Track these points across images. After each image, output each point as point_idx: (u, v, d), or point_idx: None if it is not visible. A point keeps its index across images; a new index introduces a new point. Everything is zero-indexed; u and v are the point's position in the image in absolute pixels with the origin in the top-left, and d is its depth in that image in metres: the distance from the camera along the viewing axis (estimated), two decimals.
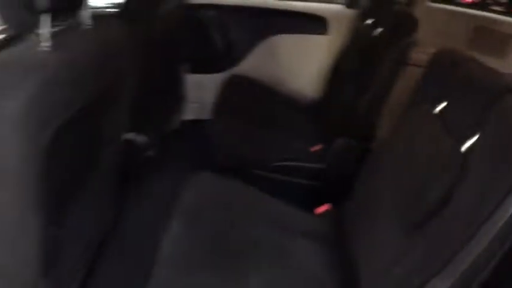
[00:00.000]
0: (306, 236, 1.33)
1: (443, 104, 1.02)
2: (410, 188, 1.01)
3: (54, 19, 0.86)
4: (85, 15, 1.04)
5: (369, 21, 1.85)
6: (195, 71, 2.48)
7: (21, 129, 0.76)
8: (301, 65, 2.43)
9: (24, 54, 0.83)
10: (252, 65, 2.45)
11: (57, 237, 1.00)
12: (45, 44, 0.84)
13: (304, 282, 1.19)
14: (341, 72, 2.04)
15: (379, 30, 1.73)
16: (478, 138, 0.87)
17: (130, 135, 1.85)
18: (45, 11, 0.81)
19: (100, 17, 1.12)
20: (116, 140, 1.31)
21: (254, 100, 2.17)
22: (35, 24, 0.82)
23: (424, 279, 0.89)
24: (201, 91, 2.51)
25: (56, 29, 0.88)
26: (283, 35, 2.41)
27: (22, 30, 0.84)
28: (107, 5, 2.12)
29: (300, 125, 2.07)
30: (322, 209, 1.49)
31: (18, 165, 0.79)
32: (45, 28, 0.83)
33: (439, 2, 2.23)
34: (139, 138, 1.89)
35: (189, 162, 1.94)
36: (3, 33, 0.93)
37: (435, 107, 1.03)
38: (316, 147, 1.83)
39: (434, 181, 0.93)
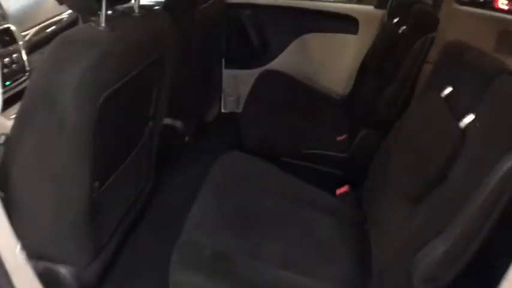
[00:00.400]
0: (326, 212, 1.45)
1: (449, 89, 1.12)
2: (415, 163, 1.12)
3: (110, 6, 1.04)
4: (135, 5, 1.22)
5: (395, 20, 1.95)
6: (232, 66, 2.65)
7: (80, 91, 0.93)
8: (332, 62, 2.55)
9: (85, 32, 1.02)
10: (285, 61, 2.59)
11: (101, 193, 1.17)
12: (102, 25, 1.02)
13: (320, 253, 1.30)
14: (367, 69, 2.15)
15: (402, 28, 1.83)
16: (475, 115, 0.97)
17: (168, 120, 2.03)
18: None
19: (147, 8, 1.29)
20: (157, 118, 1.47)
21: (286, 93, 2.30)
22: (95, 9, 0.99)
23: (424, 241, 0.99)
24: (237, 86, 2.67)
25: (111, 13, 1.05)
26: (316, 34, 2.55)
27: (84, 13, 1.01)
28: (151, 4, 2.32)
29: (329, 117, 2.19)
30: (342, 190, 1.60)
31: (76, 122, 0.96)
32: (103, 12, 1.01)
33: (467, 5, 2.30)
34: (177, 124, 2.06)
35: (223, 148, 2.10)
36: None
37: (442, 91, 1.14)
38: (342, 137, 1.95)
39: (435, 155, 1.03)
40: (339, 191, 1.61)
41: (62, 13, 2.48)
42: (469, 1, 2.30)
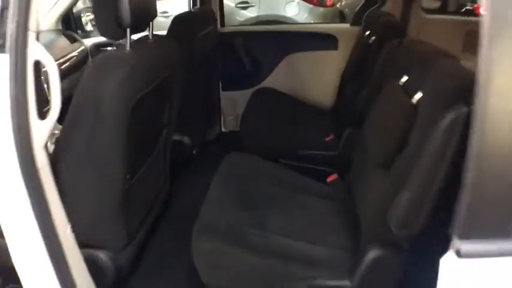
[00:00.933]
0: (319, 195, 1.72)
1: (405, 77, 1.41)
2: (382, 138, 1.39)
3: (132, 33, 1.33)
4: (150, 34, 1.52)
5: (367, 33, 2.26)
6: (229, 88, 2.96)
7: (117, 96, 1.22)
8: (317, 76, 2.87)
9: (117, 53, 1.32)
10: (275, 79, 2.91)
11: (131, 185, 1.43)
12: (128, 48, 1.31)
13: (318, 225, 1.56)
14: (347, 76, 2.46)
15: (372, 38, 2.14)
16: (423, 92, 1.25)
17: (177, 137, 2.30)
18: (128, 27, 1.28)
19: (158, 35, 1.60)
20: (170, 127, 1.75)
21: (278, 106, 2.61)
22: (122, 35, 1.29)
23: (394, 195, 1.25)
24: (234, 106, 2.97)
25: (134, 39, 1.36)
26: (301, 53, 2.87)
27: (114, 39, 1.31)
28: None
29: (317, 122, 2.48)
30: (331, 178, 1.87)
31: (116, 119, 1.24)
32: (128, 38, 1.30)
33: (435, 13, 2.62)
34: (185, 139, 2.34)
35: None
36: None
37: (399, 80, 1.42)
38: (330, 138, 2.23)
39: (396, 128, 1.31)
40: (329, 179, 1.88)
41: (73, 51, 2.81)
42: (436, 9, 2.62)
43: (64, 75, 2.52)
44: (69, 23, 3.16)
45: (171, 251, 1.78)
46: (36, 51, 1.03)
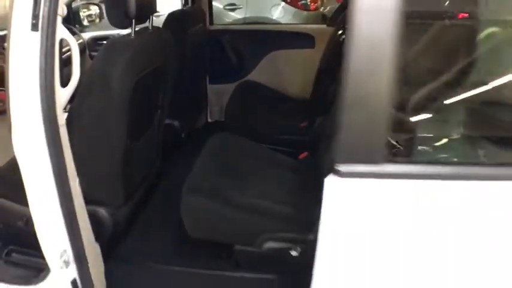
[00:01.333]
0: (291, 169, 1.99)
1: None
2: None
3: (136, 23, 1.60)
4: (150, 25, 1.78)
5: (339, 32, 2.56)
6: (215, 82, 3.24)
7: (123, 74, 1.48)
8: (296, 72, 3.16)
9: (124, 39, 1.59)
10: (259, 74, 3.19)
11: (130, 150, 1.68)
12: (132, 35, 1.58)
13: (289, 192, 1.83)
14: (321, 71, 2.75)
15: (343, 37, 2.44)
16: None
17: (168, 120, 2.56)
18: (133, 18, 1.54)
19: (156, 27, 1.86)
20: (163, 108, 2.01)
21: (260, 96, 2.90)
22: (128, 25, 1.56)
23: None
24: (220, 98, 3.24)
25: (137, 28, 1.62)
26: (282, 50, 3.18)
27: (121, 28, 1.58)
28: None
29: (293, 111, 2.77)
30: (302, 155, 2.15)
31: (121, 93, 1.49)
32: (133, 27, 1.57)
33: None
34: (175, 123, 2.60)
35: None
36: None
37: None
38: (303, 124, 2.52)
39: None
40: (300, 156, 2.16)
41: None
42: None
43: (65, 64, 2.76)
44: (68, 18, 3.40)
45: (161, 211, 2.05)
46: (62, 31, 1.28)
